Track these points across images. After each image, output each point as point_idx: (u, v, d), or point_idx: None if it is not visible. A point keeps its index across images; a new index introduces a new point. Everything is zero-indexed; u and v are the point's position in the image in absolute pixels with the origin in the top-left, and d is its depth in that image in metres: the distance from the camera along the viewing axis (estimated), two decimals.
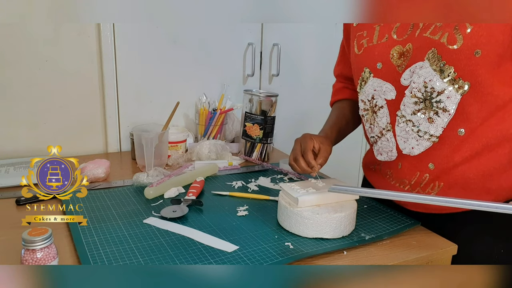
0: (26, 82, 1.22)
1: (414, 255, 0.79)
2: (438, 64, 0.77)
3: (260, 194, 1.03)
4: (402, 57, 0.82)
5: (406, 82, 0.82)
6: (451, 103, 0.78)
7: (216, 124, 1.41)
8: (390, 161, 0.91)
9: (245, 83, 1.57)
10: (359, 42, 0.91)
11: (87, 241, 0.77)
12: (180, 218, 0.88)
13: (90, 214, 0.88)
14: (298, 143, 0.96)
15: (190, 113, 1.48)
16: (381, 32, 0.86)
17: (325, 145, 0.95)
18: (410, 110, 0.83)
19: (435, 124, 0.81)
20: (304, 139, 0.95)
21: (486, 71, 0.75)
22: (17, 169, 1.11)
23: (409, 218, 0.91)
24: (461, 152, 0.81)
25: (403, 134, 0.85)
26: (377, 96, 0.88)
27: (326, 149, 0.95)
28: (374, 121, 0.91)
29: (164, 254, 0.74)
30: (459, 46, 0.75)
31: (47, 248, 0.64)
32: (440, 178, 0.84)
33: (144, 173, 1.06)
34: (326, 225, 0.80)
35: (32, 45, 1.20)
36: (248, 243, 0.79)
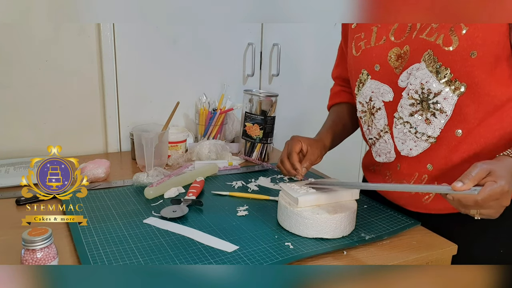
0: (26, 82, 1.22)
1: (414, 255, 0.79)
2: (434, 66, 0.77)
3: (260, 194, 1.03)
4: (400, 59, 0.82)
5: (403, 84, 0.82)
6: (447, 104, 0.78)
7: (216, 124, 1.41)
8: (389, 162, 0.91)
9: (245, 83, 1.57)
10: (357, 44, 0.91)
11: (87, 241, 0.77)
12: (180, 218, 0.88)
13: (90, 214, 0.88)
14: (286, 145, 0.97)
15: (190, 113, 1.48)
16: (378, 34, 0.86)
17: (313, 148, 0.95)
18: (407, 112, 0.83)
19: (432, 125, 0.81)
20: (292, 142, 0.96)
21: (482, 72, 0.75)
22: (17, 169, 1.11)
23: (409, 218, 0.91)
24: (459, 153, 0.81)
25: (401, 136, 0.85)
26: (375, 98, 0.88)
27: (314, 152, 0.95)
28: (372, 123, 0.91)
29: (164, 254, 0.74)
30: (455, 47, 0.75)
31: (47, 248, 0.64)
32: (439, 179, 0.84)
33: (144, 173, 1.06)
34: (326, 225, 0.81)
35: (32, 45, 1.20)
36: (248, 243, 0.79)
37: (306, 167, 0.94)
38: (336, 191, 0.86)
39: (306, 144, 0.95)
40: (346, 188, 0.87)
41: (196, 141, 1.44)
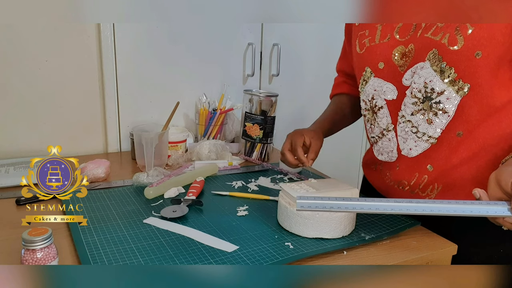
0: (26, 82, 1.22)
1: (414, 255, 0.79)
2: (438, 65, 0.77)
3: (260, 194, 1.03)
4: (404, 57, 0.82)
5: (408, 82, 0.82)
6: (450, 105, 0.78)
7: (216, 124, 1.41)
8: (390, 162, 0.91)
9: (245, 83, 1.57)
10: (361, 41, 0.91)
11: (87, 241, 0.77)
12: (180, 218, 0.88)
13: (90, 214, 0.88)
14: (288, 139, 1.02)
15: (190, 113, 1.48)
16: (383, 32, 0.86)
17: (315, 140, 1.00)
18: (409, 111, 0.83)
19: (433, 126, 0.81)
20: (295, 135, 1.00)
21: (486, 72, 0.75)
22: (17, 169, 1.11)
23: (409, 218, 0.91)
24: (458, 153, 0.81)
25: (403, 134, 0.85)
26: (377, 96, 0.88)
27: (316, 143, 1.00)
28: (374, 121, 0.91)
29: (164, 254, 0.74)
30: (460, 47, 0.75)
31: (47, 248, 0.64)
32: (439, 180, 0.84)
33: (144, 173, 1.06)
34: (326, 225, 0.81)
35: (32, 45, 1.20)
36: (248, 243, 0.79)
37: (313, 159, 0.98)
38: (336, 191, 0.86)
39: (309, 137, 1.00)
40: (346, 189, 0.87)
41: (196, 141, 1.44)
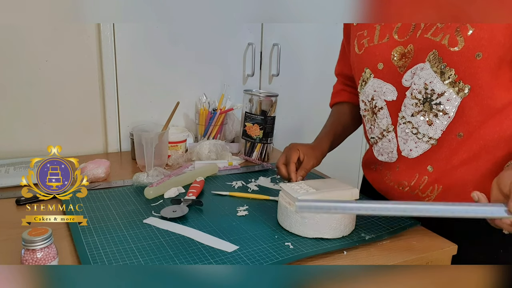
0: (26, 82, 1.22)
1: (414, 255, 0.79)
2: (439, 66, 0.77)
3: (260, 194, 1.03)
4: (404, 58, 0.82)
5: (407, 83, 0.82)
6: (451, 106, 0.78)
7: (216, 124, 1.41)
8: (390, 162, 0.91)
9: (245, 83, 1.57)
10: (360, 41, 0.90)
11: (87, 241, 0.77)
12: (180, 218, 0.88)
13: (90, 214, 0.88)
14: (284, 152, 1.01)
15: (190, 113, 1.48)
16: (382, 32, 0.86)
17: (309, 157, 0.99)
18: (410, 112, 0.83)
19: (434, 127, 0.81)
20: (291, 150, 1.00)
21: (486, 74, 0.75)
22: (17, 169, 1.11)
23: (409, 218, 0.91)
24: (458, 154, 0.81)
25: (403, 135, 0.85)
26: (377, 97, 0.88)
27: (309, 161, 0.99)
28: (374, 122, 0.91)
29: (164, 254, 0.74)
30: (460, 48, 0.74)
31: (47, 248, 0.64)
32: (439, 181, 0.84)
33: (144, 173, 1.06)
34: (326, 225, 0.81)
35: (32, 45, 1.20)
36: (248, 243, 0.79)
37: (302, 176, 0.97)
38: (336, 191, 0.86)
39: (303, 153, 0.99)
40: (346, 189, 0.87)
41: (196, 141, 1.44)
